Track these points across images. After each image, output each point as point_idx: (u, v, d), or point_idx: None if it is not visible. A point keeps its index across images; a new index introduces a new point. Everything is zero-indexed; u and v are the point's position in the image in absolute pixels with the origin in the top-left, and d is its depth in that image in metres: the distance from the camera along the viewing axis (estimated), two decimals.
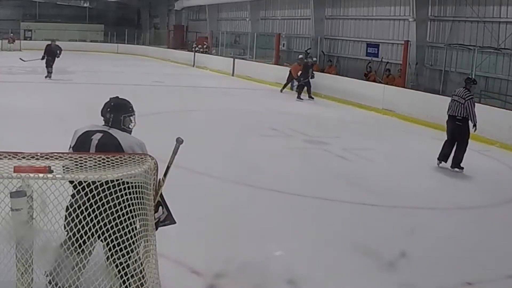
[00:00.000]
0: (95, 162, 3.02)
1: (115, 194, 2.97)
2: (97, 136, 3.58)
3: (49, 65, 18.48)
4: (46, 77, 18.35)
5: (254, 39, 25.58)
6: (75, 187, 3.14)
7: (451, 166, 8.56)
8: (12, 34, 34.61)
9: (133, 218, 3.09)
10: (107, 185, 2.94)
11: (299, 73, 17.50)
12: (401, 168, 8.95)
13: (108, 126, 3.67)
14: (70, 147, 3.66)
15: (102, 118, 3.75)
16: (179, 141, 3.55)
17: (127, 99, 3.89)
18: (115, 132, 3.62)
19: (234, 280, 4.39)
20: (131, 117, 3.77)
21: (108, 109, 3.71)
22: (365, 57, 19.21)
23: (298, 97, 17.03)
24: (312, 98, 17.10)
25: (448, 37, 15.84)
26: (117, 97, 3.89)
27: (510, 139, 10.91)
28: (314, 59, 19.49)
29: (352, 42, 20.36)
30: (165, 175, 3.48)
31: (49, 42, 19.19)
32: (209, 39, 30.50)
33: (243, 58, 25.29)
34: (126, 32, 38.14)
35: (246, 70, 22.98)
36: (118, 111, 3.71)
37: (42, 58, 18.61)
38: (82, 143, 3.59)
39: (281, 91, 18.42)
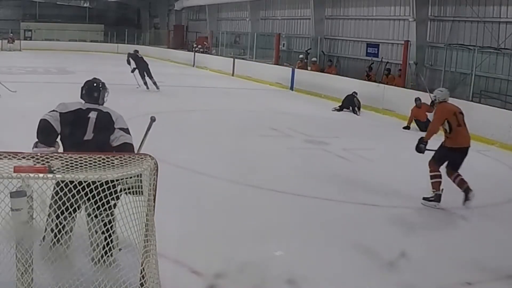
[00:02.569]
0: (87, 162, 3.08)
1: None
2: (93, 114, 4.18)
3: None
4: None
5: (254, 39, 25.59)
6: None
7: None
8: (11, 34, 34.55)
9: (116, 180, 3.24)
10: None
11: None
12: (401, 168, 8.94)
13: (96, 104, 4.28)
14: (54, 111, 4.15)
15: (85, 97, 4.32)
16: (153, 119, 4.35)
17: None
18: (104, 108, 4.28)
19: (234, 280, 4.39)
20: (106, 93, 4.45)
21: (95, 89, 4.36)
22: (365, 57, 19.21)
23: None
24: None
25: (448, 37, 15.84)
26: (95, 78, 4.54)
27: (510, 139, 10.91)
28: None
29: (352, 42, 20.36)
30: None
31: None
32: (209, 39, 30.51)
33: (243, 58, 25.30)
34: (126, 32, 38.13)
35: (246, 70, 22.98)
36: (103, 90, 4.39)
37: None
38: (78, 119, 4.12)
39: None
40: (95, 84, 4.42)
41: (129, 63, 16.55)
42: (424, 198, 6.84)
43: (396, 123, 13.71)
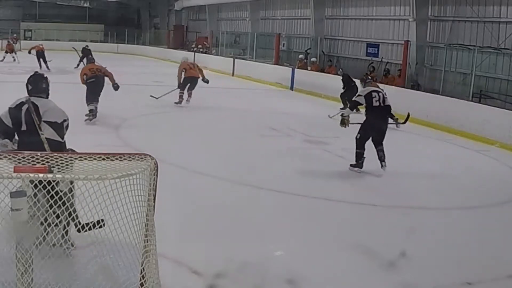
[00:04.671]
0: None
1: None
2: (25, 106, 4.42)
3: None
4: None
5: (254, 39, 25.58)
6: None
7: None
8: (15, 35, 34.09)
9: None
10: None
11: None
12: (401, 168, 8.93)
13: (39, 96, 4.51)
14: (8, 107, 4.45)
15: (31, 92, 4.54)
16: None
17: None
18: (37, 100, 4.47)
19: (234, 280, 4.39)
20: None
21: (41, 80, 4.65)
22: (365, 57, 19.20)
23: None
24: None
25: (448, 37, 15.84)
26: (36, 72, 4.86)
27: (510, 139, 10.90)
28: None
29: (352, 42, 20.36)
30: None
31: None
32: (209, 39, 30.50)
33: (243, 58, 25.29)
34: (126, 32, 38.11)
35: (246, 70, 22.97)
36: (48, 84, 4.69)
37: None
38: (17, 112, 4.42)
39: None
40: (39, 76, 4.72)
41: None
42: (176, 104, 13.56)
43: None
